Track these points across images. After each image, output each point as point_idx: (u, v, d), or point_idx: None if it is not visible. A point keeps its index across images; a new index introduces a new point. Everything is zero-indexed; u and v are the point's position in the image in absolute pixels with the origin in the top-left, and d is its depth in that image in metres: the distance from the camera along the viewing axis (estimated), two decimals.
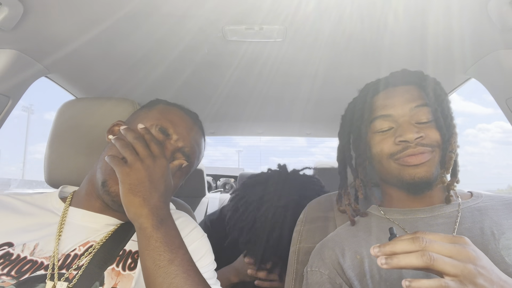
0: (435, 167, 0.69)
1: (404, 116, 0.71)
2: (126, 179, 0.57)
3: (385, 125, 0.72)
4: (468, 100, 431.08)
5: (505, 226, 0.65)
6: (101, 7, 0.79)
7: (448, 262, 0.44)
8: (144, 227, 0.56)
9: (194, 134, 0.77)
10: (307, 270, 0.75)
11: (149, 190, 0.58)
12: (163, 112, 0.77)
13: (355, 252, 0.70)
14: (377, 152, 0.73)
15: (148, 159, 0.60)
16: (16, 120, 60.77)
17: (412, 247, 0.45)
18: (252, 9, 0.81)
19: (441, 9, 0.79)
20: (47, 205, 0.71)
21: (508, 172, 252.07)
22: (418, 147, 0.68)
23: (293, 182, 1.07)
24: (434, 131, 0.70)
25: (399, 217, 0.74)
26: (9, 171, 74.53)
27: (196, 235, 0.70)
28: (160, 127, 0.72)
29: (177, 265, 0.54)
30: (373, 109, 0.75)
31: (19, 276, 0.57)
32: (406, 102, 0.71)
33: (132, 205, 0.56)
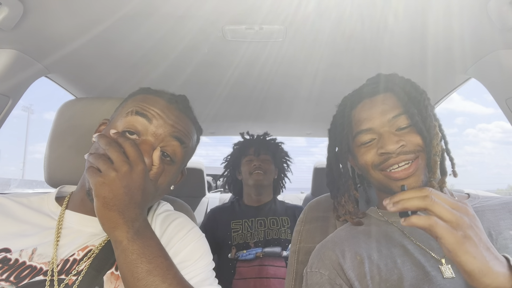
0: (423, 174, 0.70)
1: (383, 126, 0.72)
2: (101, 192, 0.54)
3: (367, 137, 0.74)
4: (469, 100, 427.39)
5: (502, 227, 0.66)
6: (101, 7, 0.79)
7: (447, 208, 0.49)
8: (120, 240, 0.54)
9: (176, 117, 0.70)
10: (307, 271, 0.75)
11: (125, 203, 0.55)
12: (142, 99, 0.71)
13: (355, 253, 0.70)
14: (362, 164, 0.75)
15: (124, 167, 0.55)
16: (16, 120, 60.81)
17: (418, 194, 0.51)
18: (252, 9, 0.81)
19: (441, 9, 0.79)
20: (43, 208, 0.70)
21: (508, 172, 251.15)
22: (400, 156, 0.69)
23: None
24: (414, 136, 0.70)
25: (398, 219, 0.74)
26: (9, 171, 74.56)
27: (194, 236, 0.69)
28: (137, 111, 0.67)
29: (155, 275, 0.53)
30: (353, 124, 0.77)
31: (18, 282, 0.57)
32: (384, 114, 0.72)
33: (106, 219, 0.54)
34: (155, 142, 0.66)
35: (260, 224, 1.51)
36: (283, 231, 1.50)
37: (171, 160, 0.68)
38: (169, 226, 0.69)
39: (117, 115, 0.71)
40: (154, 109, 0.67)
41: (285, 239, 1.47)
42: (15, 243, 0.61)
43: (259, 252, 1.43)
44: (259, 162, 1.58)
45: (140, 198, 0.57)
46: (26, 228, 0.64)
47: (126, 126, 0.65)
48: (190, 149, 0.75)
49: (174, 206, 0.84)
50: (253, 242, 1.46)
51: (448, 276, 0.62)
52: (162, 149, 0.67)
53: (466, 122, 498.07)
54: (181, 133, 0.69)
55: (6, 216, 0.65)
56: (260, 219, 1.52)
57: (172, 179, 0.71)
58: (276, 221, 1.53)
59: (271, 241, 1.46)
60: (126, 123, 0.66)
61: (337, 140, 0.82)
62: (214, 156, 55.22)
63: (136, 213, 0.56)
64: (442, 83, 1.20)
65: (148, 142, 0.65)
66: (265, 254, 1.43)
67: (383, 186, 0.74)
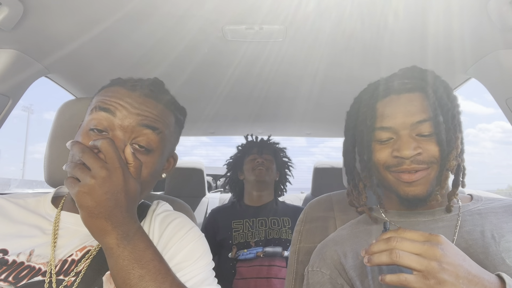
0: (430, 184, 0.68)
1: (404, 129, 0.69)
2: (83, 202, 0.52)
3: (385, 136, 0.71)
4: (469, 100, 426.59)
5: (505, 229, 0.66)
6: (101, 7, 0.79)
7: (413, 259, 0.49)
8: (110, 247, 0.53)
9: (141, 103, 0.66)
10: (308, 270, 0.75)
11: (110, 209, 0.53)
12: (104, 92, 0.68)
13: (357, 252, 0.70)
14: (375, 161, 0.73)
15: (102, 173, 0.53)
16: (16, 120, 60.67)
17: (386, 247, 0.51)
18: (252, 9, 0.81)
19: (441, 9, 0.79)
20: (39, 210, 0.69)
21: (508, 172, 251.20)
22: (413, 165, 0.67)
23: None
24: (433, 146, 0.67)
25: (400, 220, 0.74)
26: (9, 171, 74.49)
27: (193, 236, 0.68)
28: (99, 106, 0.64)
29: (148, 280, 0.52)
30: (375, 117, 0.73)
31: (17, 282, 0.56)
32: (409, 115, 0.69)
33: (94, 227, 0.53)
34: (125, 136, 0.62)
35: (261, 224, 1.51)
36: (284, 231, 1.50)
37: (147, 150, 0.65)
38: (168, 226, 0.69)
39: (86, 115, 0.68)
40: (116, 100, 0.64)
41: (286, 239, 1.47)
42: (12, 244, 0.61)
43: (260, 252, 1.43)
44: (262, 159, 1.61)
45: (125, 200, 0.55)
46: (22, 229, 0.64)
47: (92, 124, 0.63)
48: (168, 133, 0.70)
49: (174, 206, 0.84)
50: (254, 242, 1.46)
51: None
52: (135, 140, 0.64)
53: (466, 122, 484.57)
54: (150, 119, 0.65)
55: (3, 217, 0.65)
56: (261, 219, 1.52)
57: (157, 169, 0.68)
58: (277, 221, 1.53)
59: (272, 241, 1.46)
60: (92, 121, 0.63)
61: (357, 129, 0.78)
62: (214, 156, 54.98)
63: (124, 216, 0.54)
64: None
65: (117, 138, 0.62)
66: (266, 254, 1.43)
67: (389, 186, 0.72)
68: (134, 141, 0.64)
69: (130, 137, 0.63)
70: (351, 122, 0.80)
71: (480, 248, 0.63)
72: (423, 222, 0.72)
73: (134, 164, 0.60)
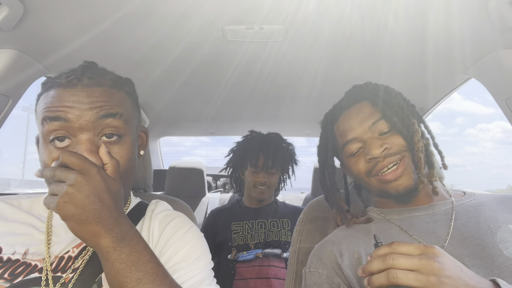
0: (412, 172, 0.72)
1: (366, 133, 0.75)
2: (67, 212, 0.49)
3: (354, 147, 0.77)
4: (469, 100, 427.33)
5: (500, 221, 0.67)
6: (101, 7, 0.79)
7: (411, 277, 0.48)
8: (106, 251, 0.51)
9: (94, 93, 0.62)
10: (306, 271, 0.75)
11: (98, 211, 0.51)
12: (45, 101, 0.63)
13: (353, 251, 0.71)
14: (356, 173, 0.78)
15: (78, 178, 0.51)
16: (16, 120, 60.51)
17: (382, 266, 0.51)
18: (252, 9, 0.81)
19: (441, 9, 0.79)
20: (33, 211, 0.69)
21: (508, 172, 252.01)
22: (387, 159, 0.72)
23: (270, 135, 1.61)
24: (397, 137, 0.73)
25: (396, 217, 0.75)
26: (9, 171, 74.49)
27: (192, 236, 0.68)
28: (48, 117, 0.59)
29: (145, 283, 0.51)
30: (339, 136, 0.81)
31: (13, 279, 0.56)
32: (363, 121, 0.76)
33: (86, 234, 0.51)
34: (89, 134, 0.60)
35: (261, 226, 1.50)
36: (284, 233, 1.49)
37: (118, 137, 0.63)
38: (168, 225, 0.68)
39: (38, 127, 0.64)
40: (61, 104, 0.60)
41: (285, 241, 1.47)
42: (6, 242, 0.60)
43: (259, 253, 1.43)
44: (265, 179, 1.49)
45: (110, 201, 0.53)
46: (16, 227, 0.63)
47: (51, 135, 0.60)
48: (128, 111, 0.67)
49: (174, 206, 0.84)
50: (253, 244, 1.45)
51: None
52: (101, 133, 0.61)
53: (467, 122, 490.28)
54: (105, 108, 0.61)
55: None
56: (260, 221, 1.52)
57: (133, 151, 0.66)
58: (276, 223, 1.52)
59: (271, 243, 1.46)
60: (49, 133, 0.60)
61: (324, 154, 0.86)
62: (214, 156, 55.02)
63: (115, 217, 0.52)
64: (442, 83, 1.20)
65: (83, 141, 0.59)
66: (265, 255, 1.43)
67: (379, 190, 0.76)
68: (101, 135, 0.61)
69: (95, 134, 0.61)
70: (324, 150, 0.87)
71: (477, 239, 0.64)
72: (417, 217, 0.73)
73: (111, 163, 0.58)
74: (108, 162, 0.58)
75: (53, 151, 0.60)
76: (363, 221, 0.79)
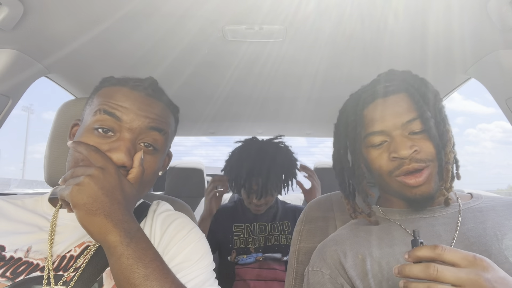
0: (434, 182, 0.68)
1: (396, 129, 0.69)
2: (79, 200, 0.51)
3: (378, 139, 0.71)
4: (470, 99, 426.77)
5: (507, 227, 0.65)
6: (101, 7, 0.79)
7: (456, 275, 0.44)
8: (114, 245, 0.51)
9: (146, 104, 0.67)
10: (308, 270, 0.75)
11: (108, 204, 0.52)
12: (106, 95, 0.68)
13: (357, 251, 0.70)
14: (376, 169, 0.72)
15: (96, 170, 0.53)
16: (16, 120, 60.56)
17: (423, 276, 0.46)
18: (252, 9, 0.81)
19: (441, 9, 0.79)
20: (37, 209, 0.69)
21: (508, 172, 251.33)
22: (413, 164, 0.67)
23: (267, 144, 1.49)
24: (428, 142, 0.68)
25: (400, 218, 0.74)
26: (9, 171, 74.45)
27: (194, 236, 0.68)
28: (104, 110, 0.63)
29: (152, 279, 0.51)
30: (365, 124, 0.74)
31: (15, 277, 0.56)
32: (397, 116, 0.69)
33: (94, 226, 0.51)
34: (132, 136, 0.63)
35: (261, 229, 1.49)
36: (284, 236, 1.48)
37: (154, 149, 0.66)
38: (170, 226, 0.69)
39: (86, 114, 0.68)
40: (122, 104, 0.64)
41: (285, 244, 1.45)
42: (9, 240, 0.61)
43: (259, 257, 1.42)
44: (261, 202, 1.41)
45: (121, 197, 0.55)
46: (20, 226, 0.64)
47: (98, 124, 0.63)
48: (170, 133, 0.73)
49: (174, 206, 0.84)
50: (254, 248, 1.45)
51: None
52: (142, 140, 0.65)
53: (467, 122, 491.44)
54: (157, 121, 0.67)
55: (1, 216, 0.65)
56: (261, 224, 1.50)
57: (159, 167, 0.70)
58: (276, 226, 1.50)
59: (272, 248, 1.45)
60: (97, 122, 0.63)
61: (349, 138, 0.78)
62: (214, 156, 54.93)
63: (123, 213, 0.54)
64: (442, 83, 1.20)
65: (125, 139, 0.62)
66: (265, 259, 1.42)
67: (395, 191, 0.72)
68: (141, 141, 0.65)
69: (137, 138, 0.64)
70: (341, 133, 0.80)
71: (483, 246, 0.63)
72: (423, 219, 0.72)
73: (138, 169, 0.60)
74: (136, 167, 0.60)
75: (96, 136, 0.63)
76: (372, 220, 0.76)
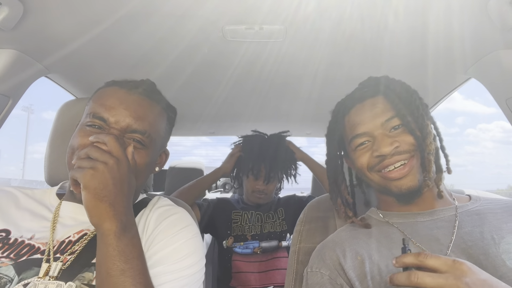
0: (418, 173, 0.71)
1: (377, 129, 0.73)
2: (90, 184, 0.54)
3: (362, 141, 0.75)
4: (470, 99, 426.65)
5: (504, 231, 0.65)
6: (101, 7, 0.79)
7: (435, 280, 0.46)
8: (107, 234, 0.55)
9: (135, 105, 0.70)
10: (307, 271, 0.75)
11: (115, 194, 0.56)
12: (98, 97, 0.72)
13: (356, 253, 0.70)
14: (359, 167, 0.77)
15: (111, 160, 0.57)
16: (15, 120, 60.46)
17: (407, 283, 0.49)
18: (252, 9, 0.81)
19: (441, 9, 0.79)
20: (45, 201, 0.74)
21: (508, 172, 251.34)
22: (395, 156, 0.70)
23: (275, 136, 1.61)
24: (407, 135, 0.72)
25: (399, 221, 0.75)
26: (9, 171, 74.53)
27: (185, 234, 0.68)
28: (93, 114, 0.68)
29: (127, 276, 0.54)
30: (348, 129, 0.79)
31: (17, 259, 0.60)
32: (376, 117, 0.74)
33: (97, 210, 0.55)
34: (119, 133, 0.67)
35: (258, 219, 1.55)
36: (278, 223, 1.53)
37: (142, 145, 0.70)
38: (165, 220, 0.70)
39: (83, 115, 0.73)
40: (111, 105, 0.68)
41: (280, 231, 1.51)
42: (15, 226, 0.66)
43: (257, 248, 1.46)
44: (263, 186, 1.52)
45: (126, 190, 0.59)
46: (26, 215, 0.69)
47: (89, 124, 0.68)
48: (160, 132, 0.76)
49: (173, 203, 0.84)
50: (251, 235, 1.49)
51: None
52: (130, 136, 0.68)
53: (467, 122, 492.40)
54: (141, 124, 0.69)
55: (11, 202, 0.70)
56: (258, 214, 1.56)
57: (151, 161, 0.73)
58: (271, 215, 1.56)
59: (267, 235, 1.50)
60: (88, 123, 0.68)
61: (332, 145, 0.84)
62: (214, 156, 54.93)
63: (124, 206, 0.58)
64: (442, 83, 1.20)
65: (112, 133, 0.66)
66: (263, 250, 1.46)
67: (381, 187, 0.75)
68: (130, 136, 0.68)
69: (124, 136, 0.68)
70: (332, 140, 0.85)
71: (480, 249, 0.63)
72: (421, 223, 0.72)
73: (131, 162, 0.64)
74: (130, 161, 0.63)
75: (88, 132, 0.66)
76: (361, 224, 0.78)
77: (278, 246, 1.48)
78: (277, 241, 1.48)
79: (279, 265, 1.44)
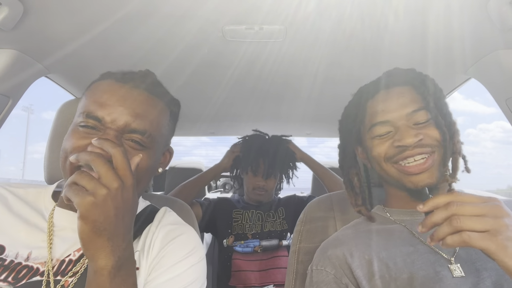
0: (437, 170, 0.67)
1: (401, 120, 0.69)
2: (90, 215, 0.46)
3: (383, 130, 0.71)
4: (470, 99, 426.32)
5: None
6: (101, 8, 0.79)
7: (476, 220, 0.46)
8: (100, 272, 0.48)
9: (134, 101, 0.61)
10: (312, 268, 0.74)
11: (115, 227, 0.48)
12: (92, 93, 0.64)
13: (363, 252, 0.69)
14: (375, 156, 0.73)
15: (115, 183, 0.47)
16: (15, 120, 60.43)
17: (445, 214, 0.48)
18: (252, 9, 0.81)
19: (441, 9, 0.79)
20: (39, 205, 0.67)
21: (508, 172, 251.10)
22: (416, 149, 0.67)
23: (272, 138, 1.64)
24: (433, 129, 0.68)
25: (405, 218, 0.74)
26: (9, 171, 74.52)
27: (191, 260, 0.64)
28: (87, 114, 0.59)
29: None
30: (369, 115, 0.74)
31: (16, 282, 0.56)
32: (402, 107, 0.70)
33: (93, 244, 0.47)
34: (116, 134, 0.59)
35: (258, 218, 1.55)
36: (279, 222, 1.54)
37: (142, 146, 0.62)
38: (171, 242, 0.65)
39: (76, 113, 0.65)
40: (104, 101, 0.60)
41: (280, 230, 1.51)
42: (9, 239, 0.60)
43: (257, 246, 1.46)
44: (263, 183, 1.53)
45: (129, 219, 0.51)
46: (19, 224, 0.62)
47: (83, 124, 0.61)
48: (162, 129, 0.68)
49: (174, 206, 0.84)
50: (251, 234, 1.50)
51: (457, 275, 0.62)
52: (128, 136, 0.61)
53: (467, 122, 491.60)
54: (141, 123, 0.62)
55: (3, 206, 0.63)
56: (258, 213, 1.56)
57: (153, 164, 0.66)
58: (272, 214, 1.57)
59: (267, 234, 1.50)
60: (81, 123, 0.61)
61: (350, 130, 0.79)
62: (214, 156, 55.04)
63: (124, 239, 0.50)
64: (442, 83, 1.19)
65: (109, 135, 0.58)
66: (263, 249, 1.46)
67: (394, 180, 0.72)
68: (128, 137, 0.61)
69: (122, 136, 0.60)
70: (348, 124, 0.81)
71: None
72: None
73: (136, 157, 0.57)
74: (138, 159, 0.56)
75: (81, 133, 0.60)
76: (367, 215, 0.76)
77: (278, 245, 1.48)
78: (277, 240, 1.49)
79: (279, 264, 1.44)
